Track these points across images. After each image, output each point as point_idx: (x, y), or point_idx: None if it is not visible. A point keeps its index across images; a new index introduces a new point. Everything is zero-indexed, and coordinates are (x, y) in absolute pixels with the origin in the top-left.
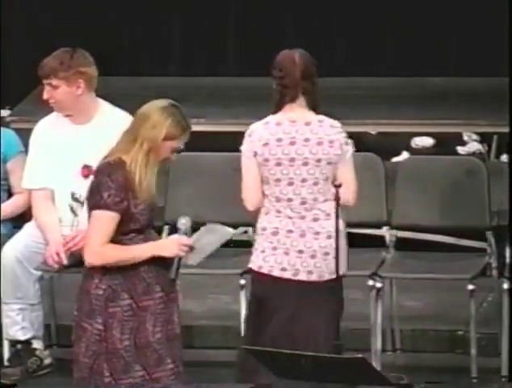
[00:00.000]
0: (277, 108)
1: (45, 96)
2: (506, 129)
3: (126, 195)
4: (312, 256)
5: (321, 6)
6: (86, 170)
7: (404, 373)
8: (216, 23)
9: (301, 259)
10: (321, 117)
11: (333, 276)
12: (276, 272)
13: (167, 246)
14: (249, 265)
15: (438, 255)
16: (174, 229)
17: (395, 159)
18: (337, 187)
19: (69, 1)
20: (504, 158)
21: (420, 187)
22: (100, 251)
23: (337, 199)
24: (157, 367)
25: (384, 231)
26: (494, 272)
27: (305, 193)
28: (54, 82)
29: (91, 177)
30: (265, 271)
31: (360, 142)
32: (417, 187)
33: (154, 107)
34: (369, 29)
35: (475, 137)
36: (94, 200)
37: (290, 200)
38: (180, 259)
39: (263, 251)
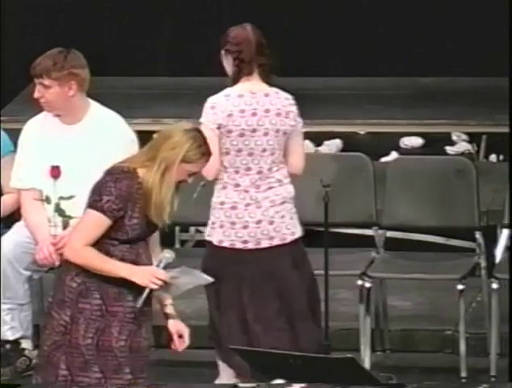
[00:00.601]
0: (234, 82)
1: (36, 95)
2: (495, 129)
3: (124, 205)
4: (271, 222)
5: (312, 6)
6: (56, 171)
7: (394, 373)
8: (203, 23)
9: (260, 229)
10: (276, 89)
11: (295, 238)
12: (239, 245)
13: (141, 274)
14: (207, 238)
15: (428, 255)
16: None
17: (384, 159)
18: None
19: (58, 1)
20: (493, 157)
21: (409, 187)
22: (79, 250)
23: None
24: (114, 373)
25: (374, 231)
26: (483, 272)
27: (263, 163)
28: (46, 81)
29: (61, 177)
30: (227, 245)
31: (349, 142)
32: (406, 187)
33: (177, 129)
34: (359, 29)
35: (464, 136)
36: (93, 199)
37: (248, 169)
38: (151, 290)
39: (222, 226)
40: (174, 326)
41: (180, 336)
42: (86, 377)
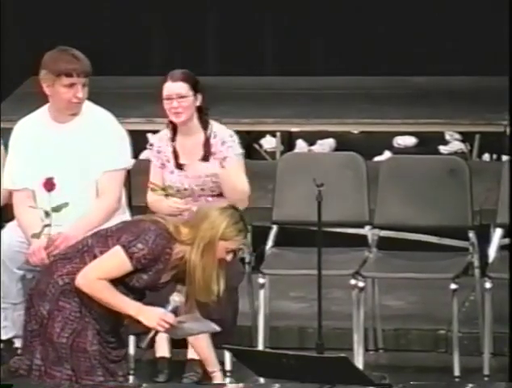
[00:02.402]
0: None
1: (81, 95)
2: (488, 128)
3: (149, 262)
4: None
5: (304, 5)
6: (49, 184)
7: (387, 373)
8: (196, 23)
9: None
10: None
11: None
12: None
13: (150, 315)
14: None
15: (421, 254)
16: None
17: (377, 158)
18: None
19: (52, 1)
20: (486, 157)
21: (402, 187)
22: (93, 282)
23: None
24: (86, 374)
25: (367, 230)
26: (476, 272)
27: None
28: (88, 80)
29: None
30: None
31: (342, 141)
32: (399, 186)
33: (214, 208)
34: (352, 28)
35: (457, 136)
36: (128, 239)
37: None
38: (157, 332)
39: None
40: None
41: None
42: (58, 371)
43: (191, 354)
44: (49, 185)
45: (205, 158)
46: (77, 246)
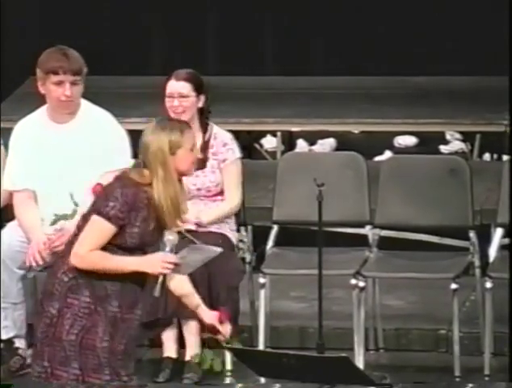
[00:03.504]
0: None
1: (69, 93)
2: (489, 128)
3: (128, 214)
4: None
5: (304, 5)
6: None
7: (387, 373)
8: (196, 23)
9: None
10: None
11: None
12: None
13: (151, 262)
14: None
15: (421, 254)
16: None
17: (378, 158)
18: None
19: (52, 1)
20: (486, 156)
21: (403, 186)
22: (85, 256)
23: None
24: (93, 372)
25: (367, 230)
26: (477, 271)
27: None
28: (78, 79)
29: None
30: None
31: (343, 141)
32: (400, 186)
33: (147, 133)
34: (352, 28)
35: (457, 135)
36: (99, 205)
37: None
38: (165, 276)
39: None
40: (210, 314)
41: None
42: (64, 371)
43: (190, 353)
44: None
45: (202, 160)
46: (70, 238)
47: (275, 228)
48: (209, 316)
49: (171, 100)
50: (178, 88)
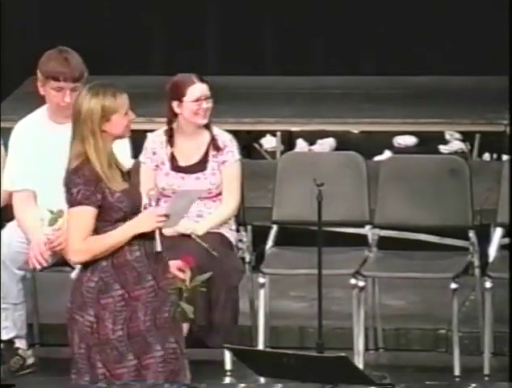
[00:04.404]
0: None
1: (68, 99)
2: (488, 128)
3: (97, 186)
4: None
5: (304, 5)
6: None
7: (387, 372)
8: (196, 23)
9: None
10: None
11: None
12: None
13: (145, 221)
14: None
15: (421, 253)
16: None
17: (377, 158)
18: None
19: (52, 1)
20: (486, 156)
21: (402, 186)
22: (83, 247)
23: None
24: (145, 354)
25: (367, 230)
26: (477, 271)
27: None
28: (79, 84)
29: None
30: None
31: (342, 141)
32: (399, 185)
33: (78, 101)
34: (352, 28)
35: (457, 135)
36: (67, 199)
37: None
38: (161, 229)
39: None
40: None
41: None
42: (122, 368)
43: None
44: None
45: (203, 161)
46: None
47: (275, 228)
48: (171, 264)
49: (199, 103)
50: (205, 90)
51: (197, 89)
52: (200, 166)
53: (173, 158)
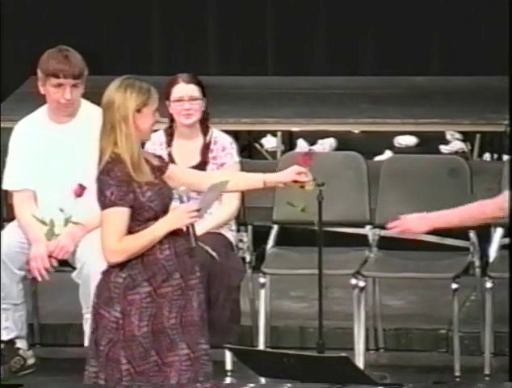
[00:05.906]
0: None
1: (68, 96)
2: (489, 128)
3: (129, 187)
4: None
5: (304, 5)
6: (79, 190)
7: (388, 372)
8: (196, 23)
9: None
10: None
11: None
12: None
13: (177, 217)
14: None
15: (421, 253)
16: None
17: (378, 158)
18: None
19: (53, 1)
20: (486, 156)
21: (403, 186)
22: (119, 248)
23: None
24: (169, 351)
25: (367, 230)
26: (477, 271)
27: None
28: (80, 81)
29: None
30: None
31: (343, 141)
32: (400, 186)
33: (111, 91)
34: (352, 27)
35: (458, 135)
36: (100, 202)
37: None
38: (193, 225)
39: None
40: (285, 173)
41: None
42: (146, 364)
43: None
44: (79, 190)
45: (202, 164)
46: None
47: (275, 228)
48: (286, 175)
49: (181, 104)
50: (189, 91)
51: (180, 89)
52: (199, 168)
53: (171, 160)
